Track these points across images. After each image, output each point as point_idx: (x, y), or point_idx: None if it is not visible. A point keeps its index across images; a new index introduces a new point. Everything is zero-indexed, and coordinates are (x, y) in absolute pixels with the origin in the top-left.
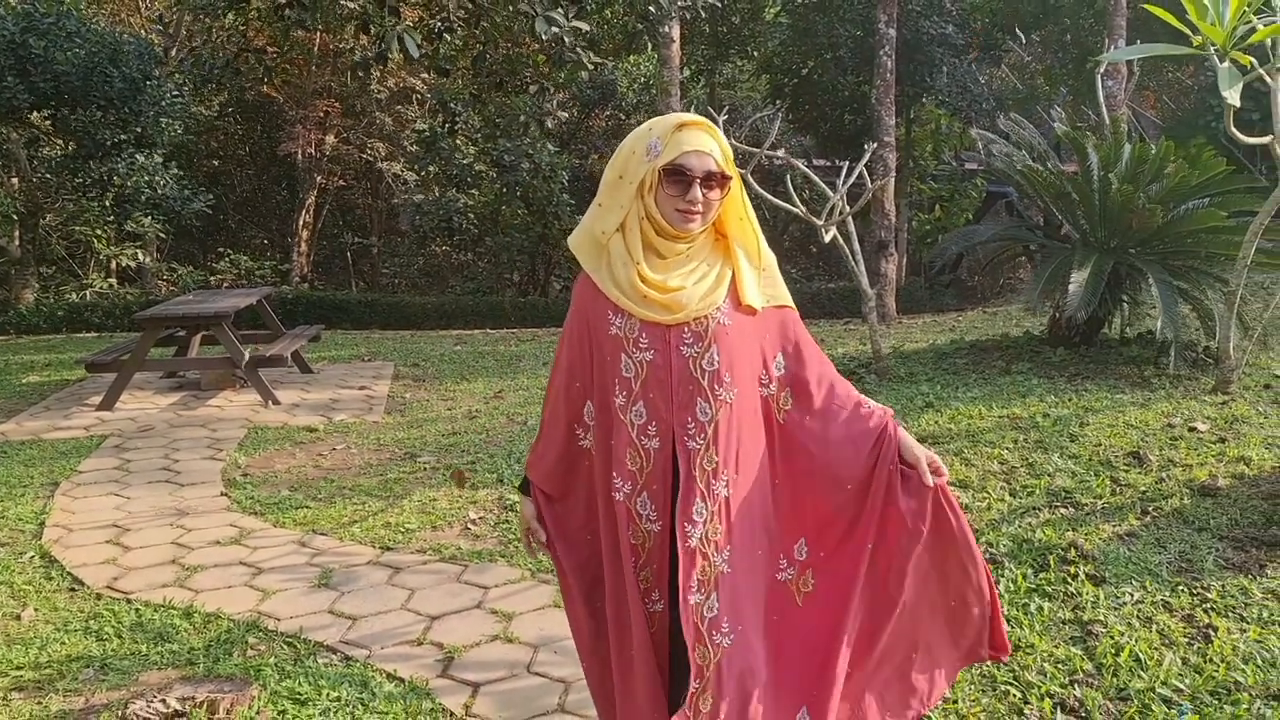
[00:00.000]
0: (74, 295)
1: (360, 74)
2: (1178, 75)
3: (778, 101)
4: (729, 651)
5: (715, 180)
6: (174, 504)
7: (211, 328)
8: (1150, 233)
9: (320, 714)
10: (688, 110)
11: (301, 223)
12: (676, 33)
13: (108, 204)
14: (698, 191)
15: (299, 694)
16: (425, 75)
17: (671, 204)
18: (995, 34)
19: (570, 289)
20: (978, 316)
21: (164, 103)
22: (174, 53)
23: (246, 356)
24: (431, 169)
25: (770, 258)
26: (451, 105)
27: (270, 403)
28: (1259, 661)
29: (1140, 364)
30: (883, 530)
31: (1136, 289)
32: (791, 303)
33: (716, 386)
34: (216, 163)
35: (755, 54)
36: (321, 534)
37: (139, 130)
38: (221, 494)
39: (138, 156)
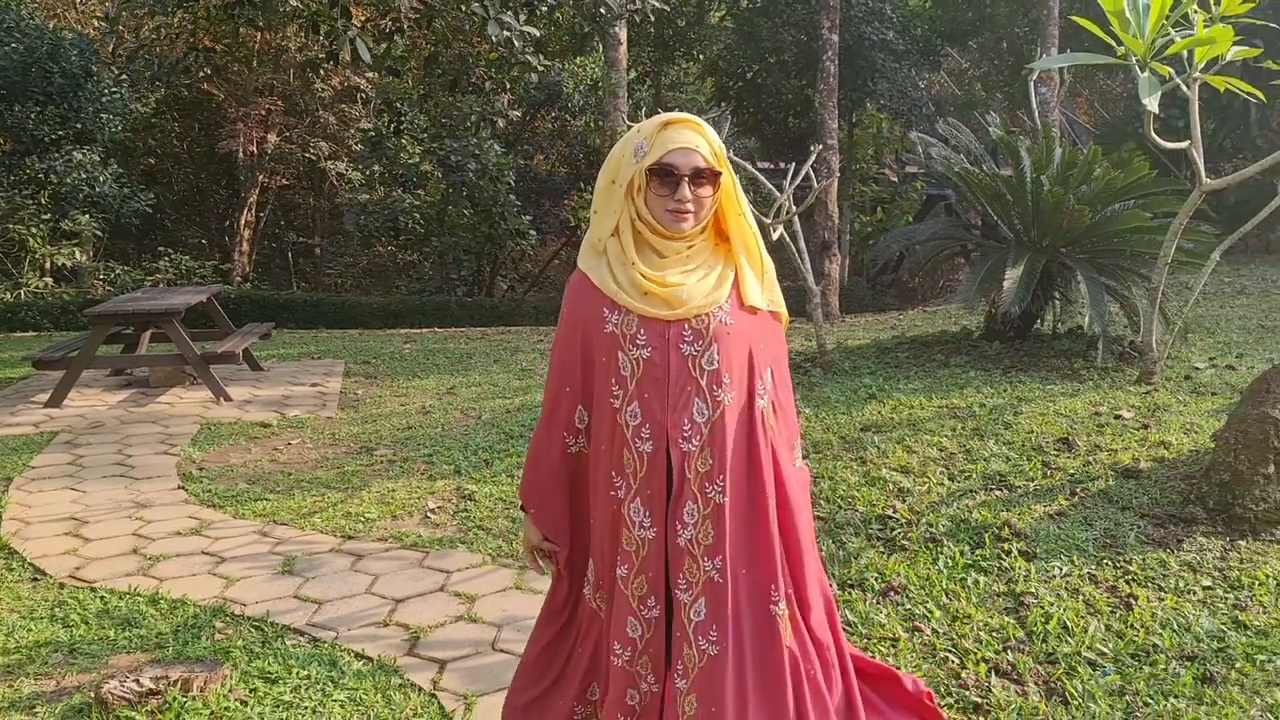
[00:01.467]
0: (8, 295)
1: (309, 73)
2: (1109, 83)
3: (723, 104)
4: (716, 661)
5: (705, 177)
6: (131, 497)
7: (163, 324)
8: (1079, 232)
9: (291, 691)
10: (635, 111)
11: (243, 222)
12: (624, 34)
13: (44, 202)
14: (686, 190)
15: (269, 673)
16: (370, 74)
17: (661, 204)
18: (934, 40)
19: (516, 289)
20: (918, 315)
21: (104, 99)
22: (113, 49)
23: (198, 353)
24: (376, 169)
25: (770, 263)
26: (398, 105)
27: (222, 399)
28: (1175, 627)
29: (1070, 357)
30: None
31: (1067, 286)
32: (785, 309)
33: (715, 387)
34: (153, 160)
35: (701, 57)
36: (282, 524)
37: (79, 126)
38: (178, 487)
39: (75, 154)
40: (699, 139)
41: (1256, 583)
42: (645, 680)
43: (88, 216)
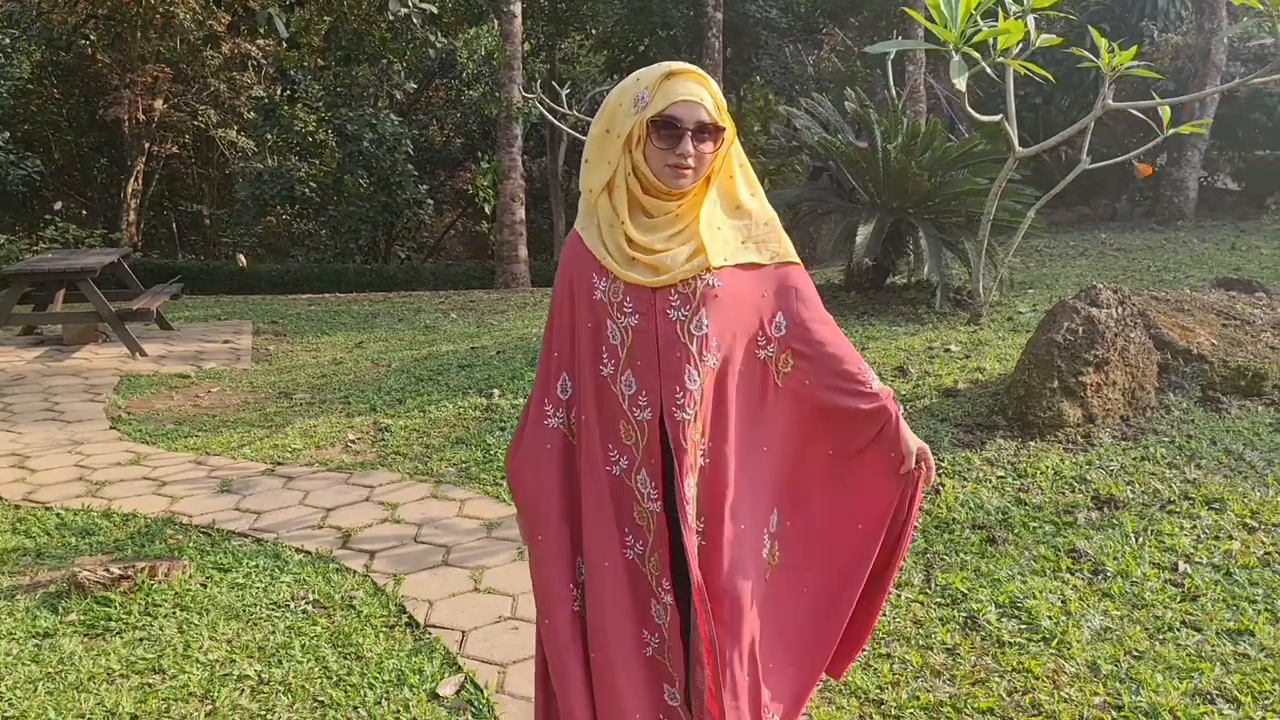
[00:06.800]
0: None
1: (207, 46)
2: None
3: (615, 76)
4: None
5: (708, 132)
6: (67, 437)
7: (79, 283)
8: (922, 195)
9: (243, 576)
10: (529, 84)
11: (130, 190)
12: (518, 8)
13: None
14: (689, 144)
15: (223, 564)
16: (261, 41)
17: (661, 158)
18: (815, 18)
19: (414, 258)
20: None
21: None
22: None
23: (113, 310)
24: (270, 137)
25: (770, 212)
26: (291, 73)
27: (138, 354)
28: (971, 505)
29: (916, 304)
30: (869, 511)
31: (916, 243)
32: (796, 258)
33: (705, 352)
34: (29, 127)
35: (594, 31)
36: (214, 455)
37: None
38: (110, 428)
39: None
40: (703, 91)
41: (1038, 472)
42: (675, 675)
43: None
